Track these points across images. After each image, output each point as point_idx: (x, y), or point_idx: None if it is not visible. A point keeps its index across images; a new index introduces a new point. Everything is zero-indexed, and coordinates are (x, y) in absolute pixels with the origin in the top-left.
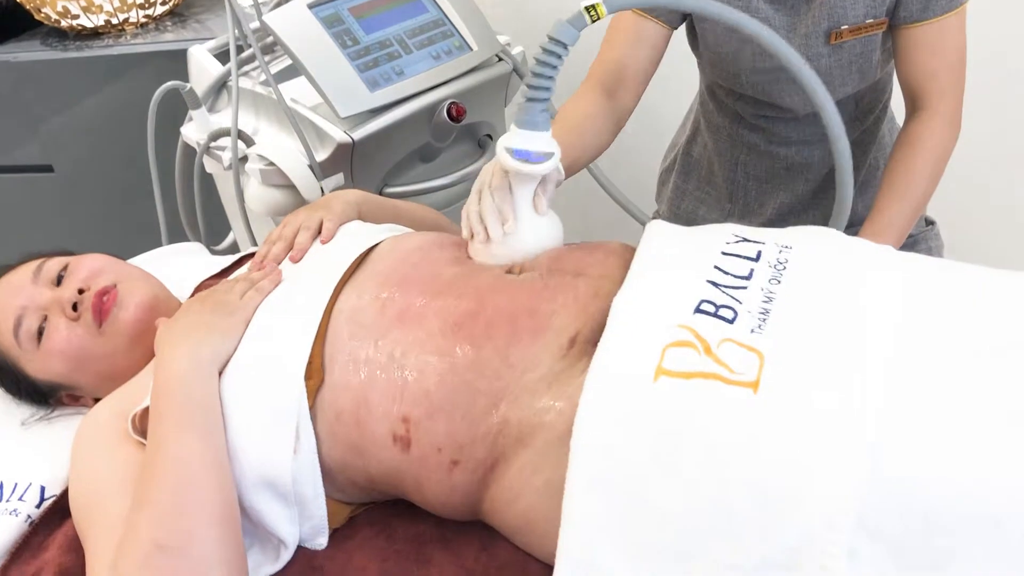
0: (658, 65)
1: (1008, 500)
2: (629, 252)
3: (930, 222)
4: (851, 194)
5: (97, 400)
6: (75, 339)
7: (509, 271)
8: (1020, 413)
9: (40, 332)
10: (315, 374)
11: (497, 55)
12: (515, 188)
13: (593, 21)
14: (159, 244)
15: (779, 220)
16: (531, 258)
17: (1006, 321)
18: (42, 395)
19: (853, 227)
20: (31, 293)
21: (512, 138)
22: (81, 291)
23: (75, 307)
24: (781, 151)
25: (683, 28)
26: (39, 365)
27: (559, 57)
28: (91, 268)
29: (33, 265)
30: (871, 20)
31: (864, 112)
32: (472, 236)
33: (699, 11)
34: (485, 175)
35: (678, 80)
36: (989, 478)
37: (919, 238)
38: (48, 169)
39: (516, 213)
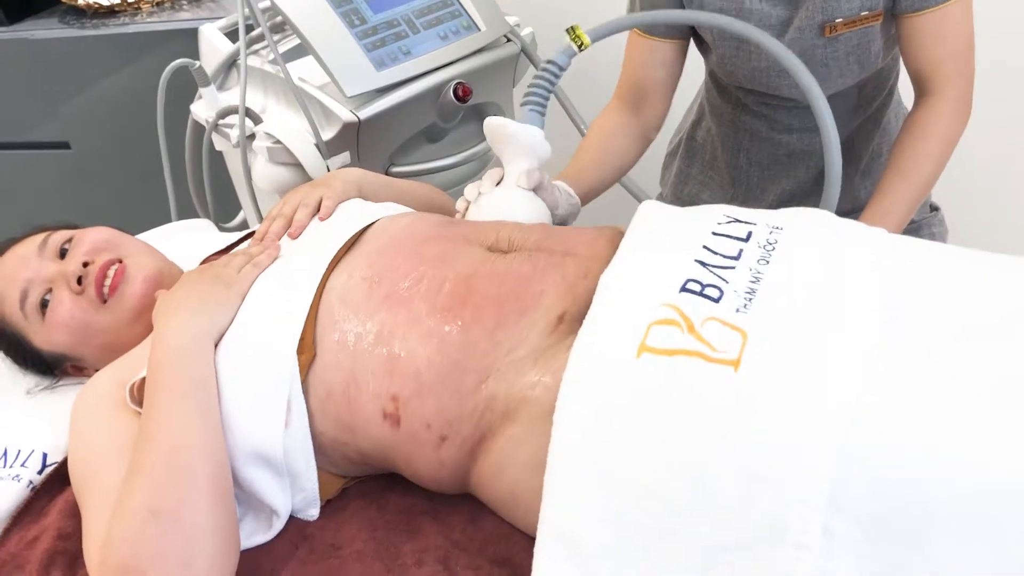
0: (679, 77)
1: (983, 481)
2: (619, 236)
3: (934, 208)
4: (839, 184)
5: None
6: (79, 312)
7: (497, 249)
8: (999, 395)
9: (45, 305)
10: (307, 349)
11: (505, 36)
12: (503, 160)
13: (580, 48)
14: (169, 220)
15: (781, 206)
16: (505, 218)
17: (992, 303)
18: (47, 366)
19: (856, 212)
20: (36, 266)
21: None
22: (86, 264)
23: (79, 281)
24: (783, 138)
25: None
26: (44, 337)
27: (554, 75)
28: (95, 241)
29: (39, 238)
30: (866, 12)
31: (868, 99)
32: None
33: (686, 22)
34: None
35: (686, 64)
36: (965, 459)
37: (922, 223)
38: (65, 146)
39: (493, 179)
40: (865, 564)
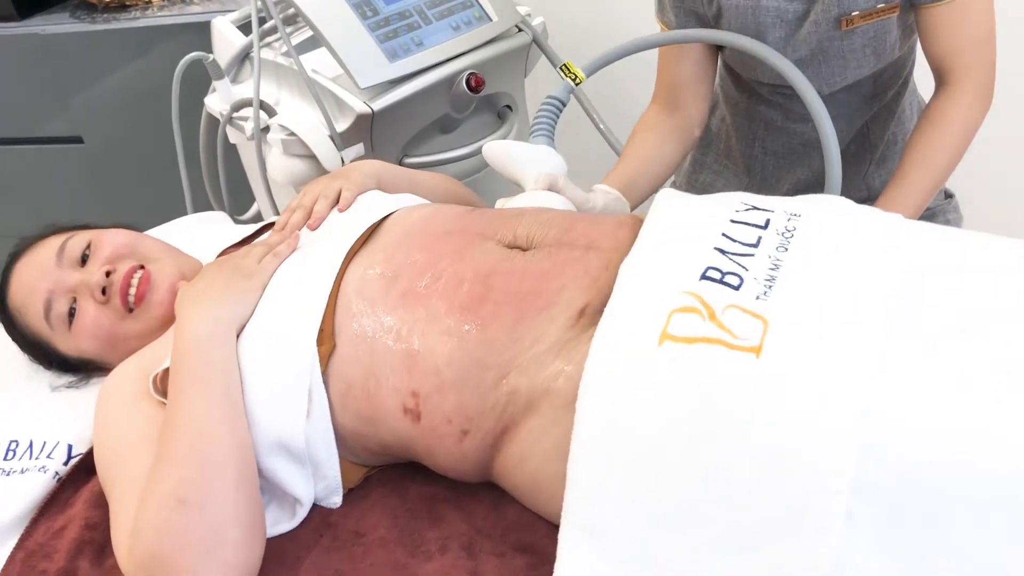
0: (715, 72)
1: (1005, 464)
2: (640, 224)
3: (949, 195)
4: (839, 174)
5: None
6: (105, 322)
7: (516, 247)
8: (1018, 379)
9: (71, 314)
10: (327, 340)
11: (517, 26)
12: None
13: (577, 83)
14: (184, 213)
15: (796, 195)
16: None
17: (1009, 287)
18: (72, 368)
19: (870, 201)
20: (57, 276)
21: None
22: (108, 273)
23: (104, 291)
24: (798, 127)
25: None
26: (71, 345)
27: (557, 108)
28: (115, 247)
29: (55, 244)
30: (883, 4)
31: (883, 88)
32: None
33: (686, 40)
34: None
35: None
36: (987, 442)
37: (937, 211)
38: (78, 140)
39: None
40: (887, 547)
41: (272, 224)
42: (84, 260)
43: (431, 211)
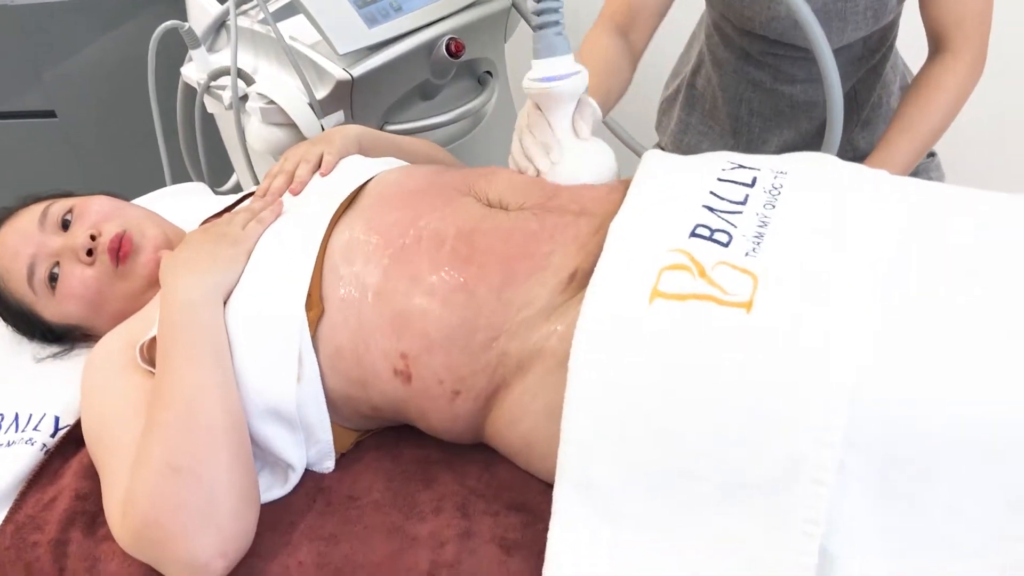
0: (670, 4)
1: (990, 416)
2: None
3: (931, 154)
4: (840, 132)
5: None
6: (92, 282)
7: (498, 206)
8: (1004, 334)
9: (53, 278)
10: (315, 306)
11: None
12: (552, 119)
13: None
14: (163, 185)
15: None
16: (590, 184)
17: (1003, 242)
18: (56, 336)
19: (856, 163)
20: (40, 240)
21: (535, 70)
22: (93, 237)
23: (89, 252)
24: (787, 89)
25: None
26: (55, 310)
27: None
28: (99, 212)
29: (37, 210)
30: None
31: (871, 50)
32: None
33: None
34: (521, 119)
35: (679, 7)
36: (973, 395)
37: (919, 169)
38: (51, 115)
39: (560, 142)
40: (877, 499)
41: (253, 193)
42: (66, 226)
43: (405, 171)
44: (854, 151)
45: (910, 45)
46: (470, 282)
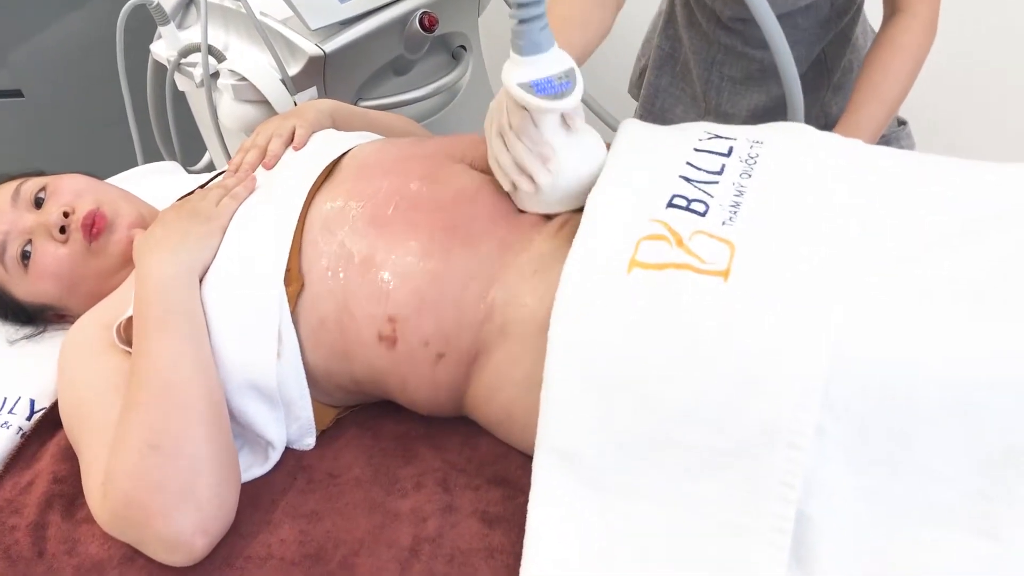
0: None
1: (964, 376)
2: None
3: (902, 122)
4: (800, 102)
5: None
6: (66, 260)
7: (488, 171)
8: (984, 296)
9: (26, 256)
10: (294, 280)
11: None
12: (540, 122)
13: None
14: (135, 165)
15: (752, 121)
16: (590, 185)
17: (973, 207)
18: (28, 316)
19: (828, 128)
20: (12, 217)
21: (521, 71)
22: (66, 214)
23: (62, 230)
24: (757, 53)
25: None
26: (28, 288)
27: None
28: (73, 190)
29: (10, 188)
30: None
31: (839, 13)
32: (515, 188)
33: None
34: (499, 115)
35: None
36: (948, 356)
37: (891, 138)
38: (17, 94)
39: (555, 148)
40: (854, 460)
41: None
42: (39, 204)
43: (385, 142)
44: (826, 117)
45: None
46: (473, 239)
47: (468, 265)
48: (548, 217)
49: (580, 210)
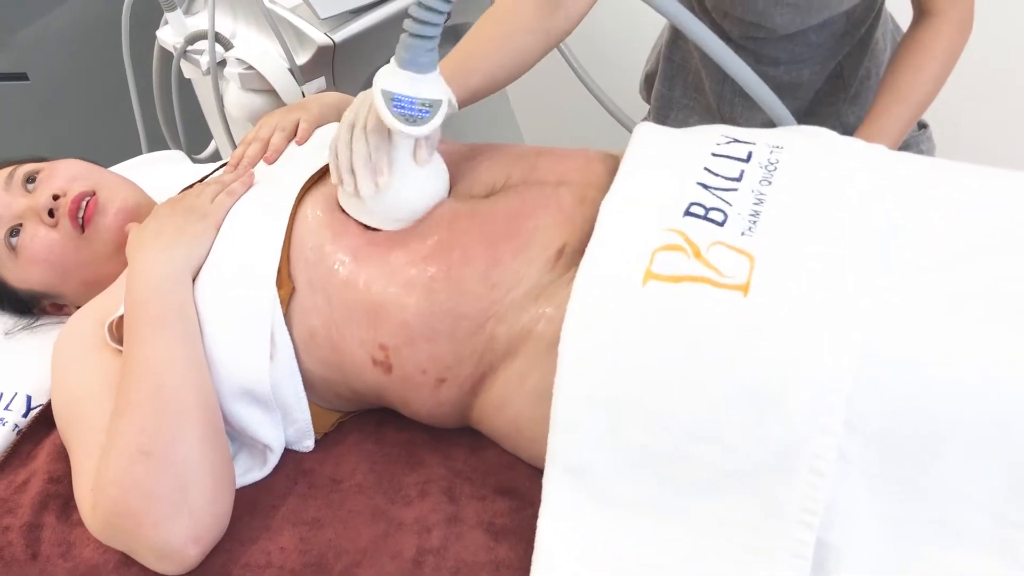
0: None
1: (995, 395)
2: (611, 159)
3: (923, 125)
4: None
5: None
6: (55, 246)
7: (477, 196)
8: (1007, 312)
9: (13, 235)
10: (285, 283)
11: None
12: (394, 136)
13: None
14: (139, 153)
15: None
16: (413, 218)
17: (1000, 218)
18: (24, 305)
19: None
20: (3, 201)
21: (393, 79)
22: (56, 197)
23: (51, 213)
24: (770, 71)
25: None
26: (19, 274)
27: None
28: (66, 174)
29: (3, 173)
30: None
31: (856, 24)
32: (341, 182)
33: None
34: (360, 108)
35: None
36: (977, 374)
37: (911, 141)
38: (23, 77)
39: (393, 165)
40: (876, 483)
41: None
42: (32, 188)
43: None
44: (843, 127)
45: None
46: (453, 270)
47: (456, 303)
48: (543, 247)
49: (587, 239)
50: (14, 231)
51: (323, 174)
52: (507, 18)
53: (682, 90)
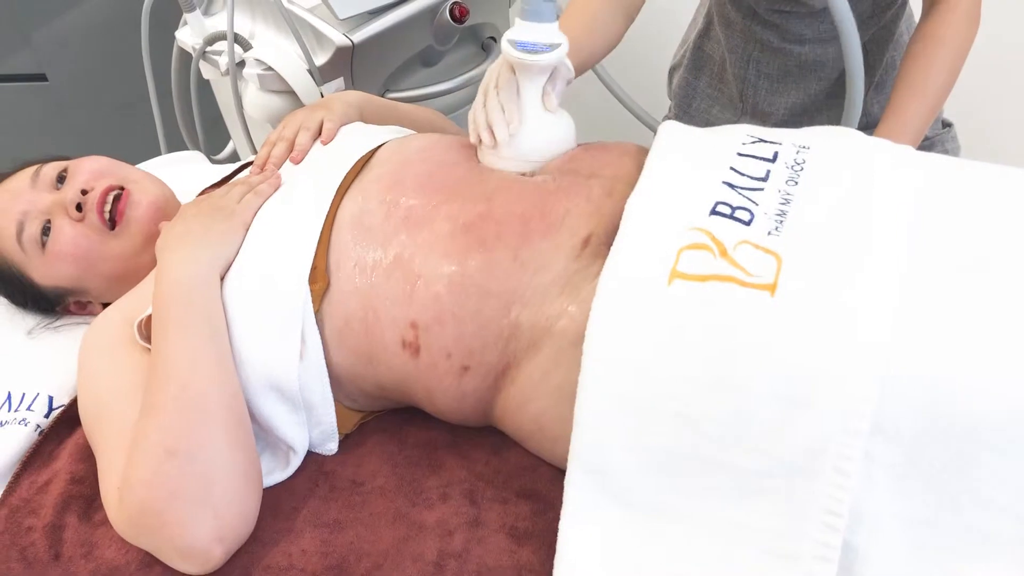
0: None
1: None
2: (643, 153)
3: (947, 124)
4: (862, 94)
5: (105, 306)
6: (83, 240)
7: (521, 174)
8: None
9: (45, 232)
10: (320, 279)
11: None
12: (522, 85)
13: None
14: (158, 154)
15: (791, 121)
16: (545, 160)
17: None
18: (48, 302)
19: (869, 128)
20: (31, 197)
21: (516, 31)
22: (84, 192)
23: (79, 208)
24: (795, 49)
25: None
26: (45, 270)
27: None
28: (93, 169)
29: (30, 171)
30: None
31: (882, 8)
32: (480, 141)
33: None
34: (491, 75)
35: None
36: (1010, 375)
37: (935, 140)
38: (41, 78)
39: (523, 112)
40: (904, 487)
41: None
42: (60, 184)
43: (430, 140)
44: (867, 116)
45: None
46: (487, 242)
47: (486, 278)
48: (571, 233)
49: (613, 231)
50: (44, 228)
51: (358, 171)
52: (587, 6)
53: (708, 80)
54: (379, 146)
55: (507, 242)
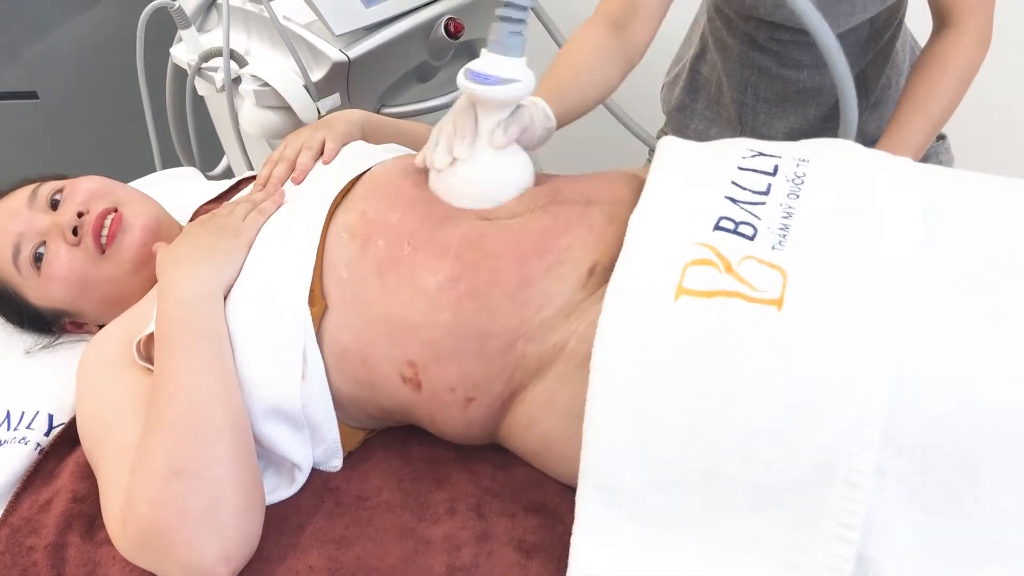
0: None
1: None
2: (632, 178)
3: (941, 136)
4: (855, 121)
5: (101, 327)
6: (77, 264)
7: (501, 216)
8: None
9: (39, 258)
10: (318, 301)
11: None
12: (480, 118)
13: None
14: (152, 171)
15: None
16: (492, 201)
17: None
18: (45, 323)
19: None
20: (27, 218)
21: (477, 60)
22: (80, 215)
23: (75, 231)
24: (793, 75)
25: None
26: (41, 292)
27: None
28: (89, 191)
29: (27, 190)
30: None
31: (879, 32)
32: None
33: None
34: (456, 104)
35: None
36: (1018, 391)
37: (930, 152)
38: (32, 96)
39: (472, 143)
40: (916, 498)
41: (248, 179)
42: (55, 205)
43: (403, 164)
44: (863, 136)
45: (918, 19)
46: (481, 288)
47: (485, 323)
48: (576, 264)
49: (612, 258)
50: (38, 250)
51: (350, 189)
52: (584, 45)
53: (704, 103)
54: (367, 170)
55: (504, 286)
